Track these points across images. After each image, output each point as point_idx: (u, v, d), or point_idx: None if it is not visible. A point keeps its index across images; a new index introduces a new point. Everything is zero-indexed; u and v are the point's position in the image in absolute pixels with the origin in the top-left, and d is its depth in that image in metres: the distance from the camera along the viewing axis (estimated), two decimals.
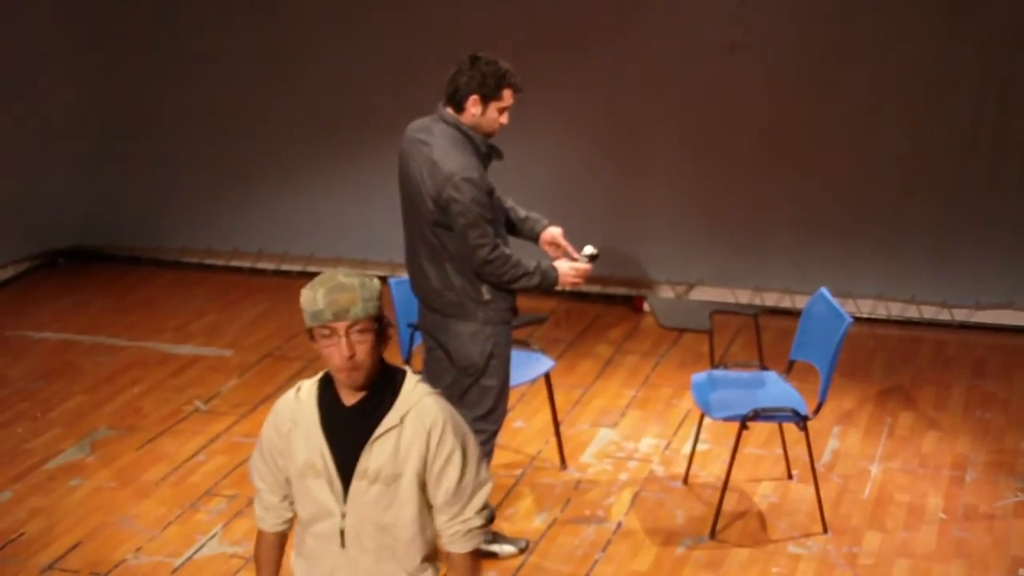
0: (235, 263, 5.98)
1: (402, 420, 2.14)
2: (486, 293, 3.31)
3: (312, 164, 5.81)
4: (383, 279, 3.46)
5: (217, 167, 5.90)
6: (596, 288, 5.65)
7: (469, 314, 3.32)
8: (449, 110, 3.27)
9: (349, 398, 2.15)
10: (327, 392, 2.18)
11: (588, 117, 5.50)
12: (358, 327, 2.08)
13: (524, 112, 3.54)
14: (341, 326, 2.07)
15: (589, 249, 3.45)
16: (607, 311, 5.55)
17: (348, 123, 5.70)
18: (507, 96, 3.25)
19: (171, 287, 5.76)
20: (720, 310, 4.50)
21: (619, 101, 5.44)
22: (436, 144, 3.23)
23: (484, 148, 3.28)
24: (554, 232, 3.50)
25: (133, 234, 6.02)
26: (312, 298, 2.09)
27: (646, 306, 5.53)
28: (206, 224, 5.95)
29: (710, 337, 4.22)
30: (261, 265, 5.96)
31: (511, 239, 3.44)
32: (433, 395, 2.17)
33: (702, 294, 5.56)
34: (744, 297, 5.52)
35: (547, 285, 3.37)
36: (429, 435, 2.14)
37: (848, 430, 4.43)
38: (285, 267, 5.94)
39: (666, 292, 5.61)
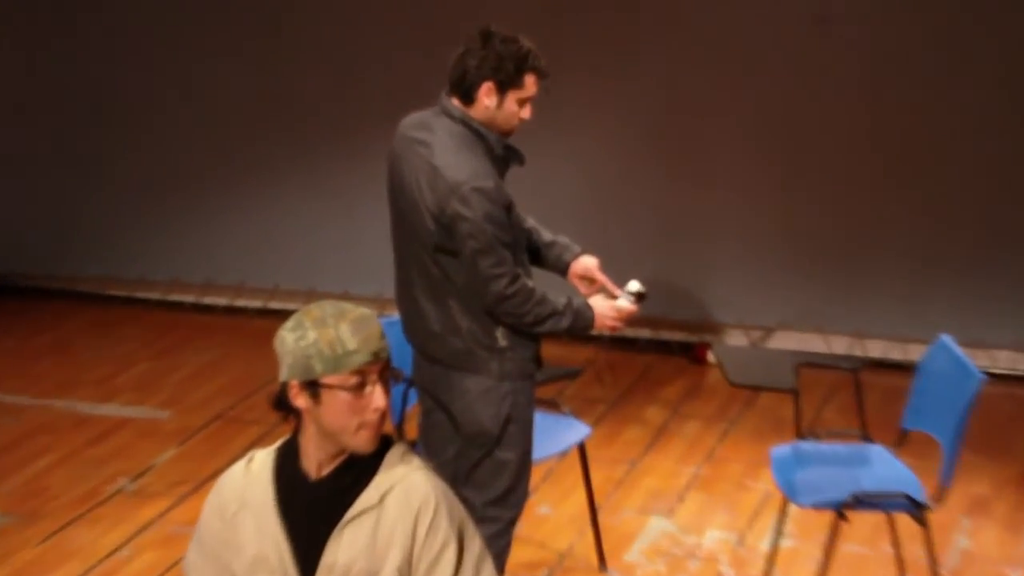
0: (175, 297, 6.00)
1: (382, 499, 2.17)
2: (502, 338, 3.32)
3: (276, 172, 5.85)
4: None
5: (153, 176, 5.94)
6: (645, 333, 5.66)
7: (480, 366, 3.33)
8: (455, 101, 3.26)
9: (318, 470, 2.20)
10: (287, 464, 2.22)
11: (636, 112, 5.51)
12: (385, 370, 2.18)
13: (552, 105, 3.57)
14: (376, 369, 2.16)
15: (635, 285, 3.47)
16: (660, 363, 5.58)
17: (325, 120, 5.75)
18: (529, 83, 3.25)
19: (91, 328, 5.78)
20: (808, 362, 4.51)
21: (676, 92, 5.46)
22: (438, 145, 3.25)
23: (500, 150, 3.30)
24: (588, 262, 3.54)
25: (41, 260, 6.06)
26: (335, 338, 2.15)
27: (711, 356, 5.56)
28: (137, 248, 5.98)
29: (795, 398, 4.22)
30: (209, 300, 5.98)
31: (534, 270, 3.49)
32: (424, 470, 2.21)
33: (784, 341, 5.58)
34: (840, 346, 5.52)
35: (580, 328, 3.37)
36: (416, 521, 2.16)
37: (982, 523, 4.40)
38: (241, 303, 5.96)
39: (737, 339, 5.64)
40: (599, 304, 3.43)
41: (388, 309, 4.85)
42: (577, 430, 4.00)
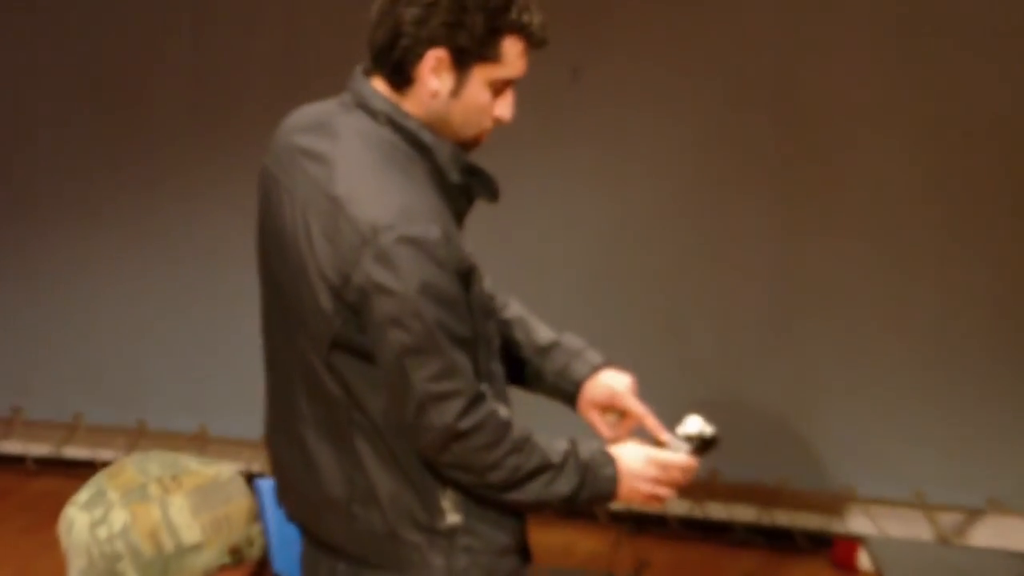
0: None
1: None
2: (451, 511, 3.35)
3: (74, 205, 6.01)
4: (246, 478, 3.51)
5: None
6: (746, 514, 5.75)
7: (412, 561, 3.36)
8: (378, 84, 3.36)
9: None
10: None
11: (721, 109, 5.63)
12: None
13: (563, 94, 3.54)
14: None
15: (694, 423, 3.50)
16: (773, 567, 5.64)
17: (165, 117, 5.92)
18: (511, 53, 3.30)
19: None
20: None
21: (798, 75, 5.58)
22: (344, 160, 3.32)
23: (456, 173, 3.35)
24: (615, 383, 3.62)
25: None
26: (162, 522, 2.23)
27: (864, 558, 5.59)
28: None
29: None
30: None
31: (516, 393, 3.55)
32: None
33: (1000, 534, 5.65)
34: None
35: (594, 497, 3.39)
36: None
37: None
38: (8, 448, 6.18)
39: (912, 526, 5.70)
40: (631, 456, 3.45)
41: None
42: None
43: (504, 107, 3.35)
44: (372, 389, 3.33)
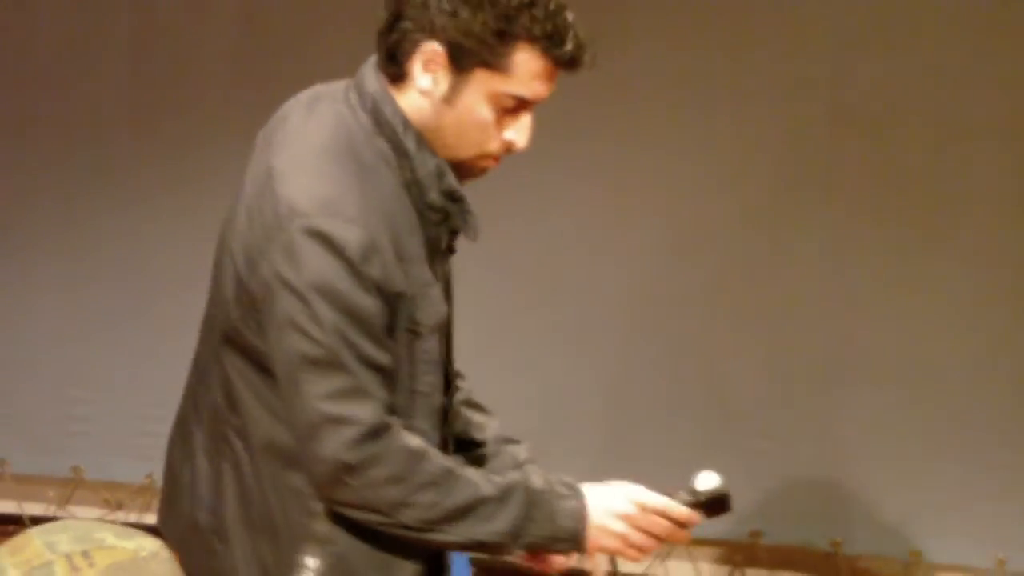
0: None
1: None
2: (311, 560, 3.35)
3: None
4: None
5: None
6: None
7: None
8: (382, 74, 3.43)
9: None
10: None
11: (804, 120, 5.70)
12: None
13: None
14: None
15: (709, 479, 3.51)
16: None
17: (112, 114, 5.98)
18: (524, 69, 3.32)
19: None
20: None
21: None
22: (300, 134, 3.41)
23: (437, 194, 3.40)
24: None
25: None
26: None
27: None
28: None
29: None
30: None
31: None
32: None
33: None
34: None
35: (550, 533, 3.39)
36: None
37: None
38: None
39: None
40: (606, 492, 3.42)
41: None
42: None
43: (517, 131, 3.37)
44: (257, 405, 3.38)
